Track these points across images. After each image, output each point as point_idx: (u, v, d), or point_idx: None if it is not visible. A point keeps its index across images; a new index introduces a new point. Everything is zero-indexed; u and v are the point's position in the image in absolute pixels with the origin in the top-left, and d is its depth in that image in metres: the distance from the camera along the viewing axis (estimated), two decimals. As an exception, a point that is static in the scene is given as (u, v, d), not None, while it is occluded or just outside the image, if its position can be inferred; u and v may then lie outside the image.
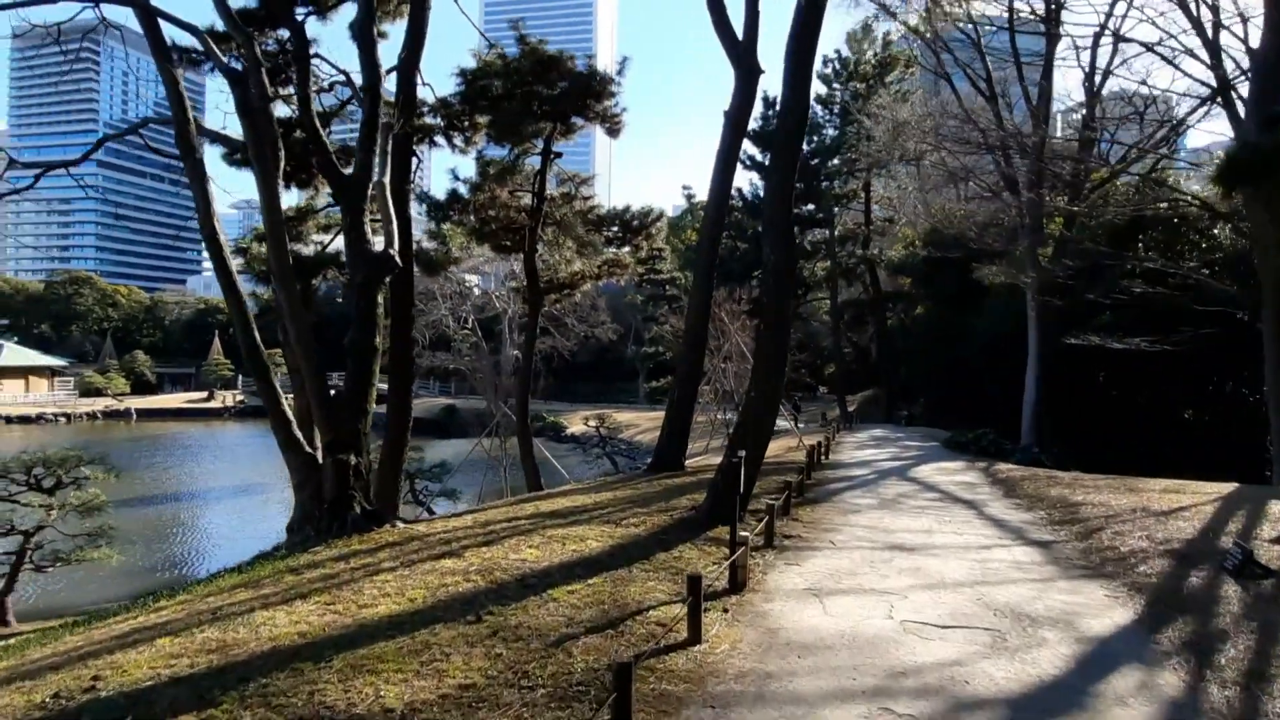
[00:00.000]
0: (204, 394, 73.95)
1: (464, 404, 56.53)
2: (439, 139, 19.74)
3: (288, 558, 10.29)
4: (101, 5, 12.17)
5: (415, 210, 19.95)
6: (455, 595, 7.39)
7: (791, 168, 11.30)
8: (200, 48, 12.38)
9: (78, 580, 18.93)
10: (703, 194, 46.15)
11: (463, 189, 20.79)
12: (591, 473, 32.37)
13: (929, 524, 11.01)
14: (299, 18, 16.38)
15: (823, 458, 18.73)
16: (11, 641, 10.95)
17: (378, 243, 12.39)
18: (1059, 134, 26.39)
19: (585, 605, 6.93)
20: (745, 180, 59.26)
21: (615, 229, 23.43)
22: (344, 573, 8.81)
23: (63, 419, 60.65)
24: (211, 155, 19.52)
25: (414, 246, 18.81)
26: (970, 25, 24.70)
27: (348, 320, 11.89)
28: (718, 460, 12.31)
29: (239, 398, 70.04)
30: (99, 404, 65.60)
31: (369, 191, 12.35)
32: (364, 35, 12.24)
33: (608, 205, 25.54)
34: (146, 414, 65.41)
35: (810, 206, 39.63)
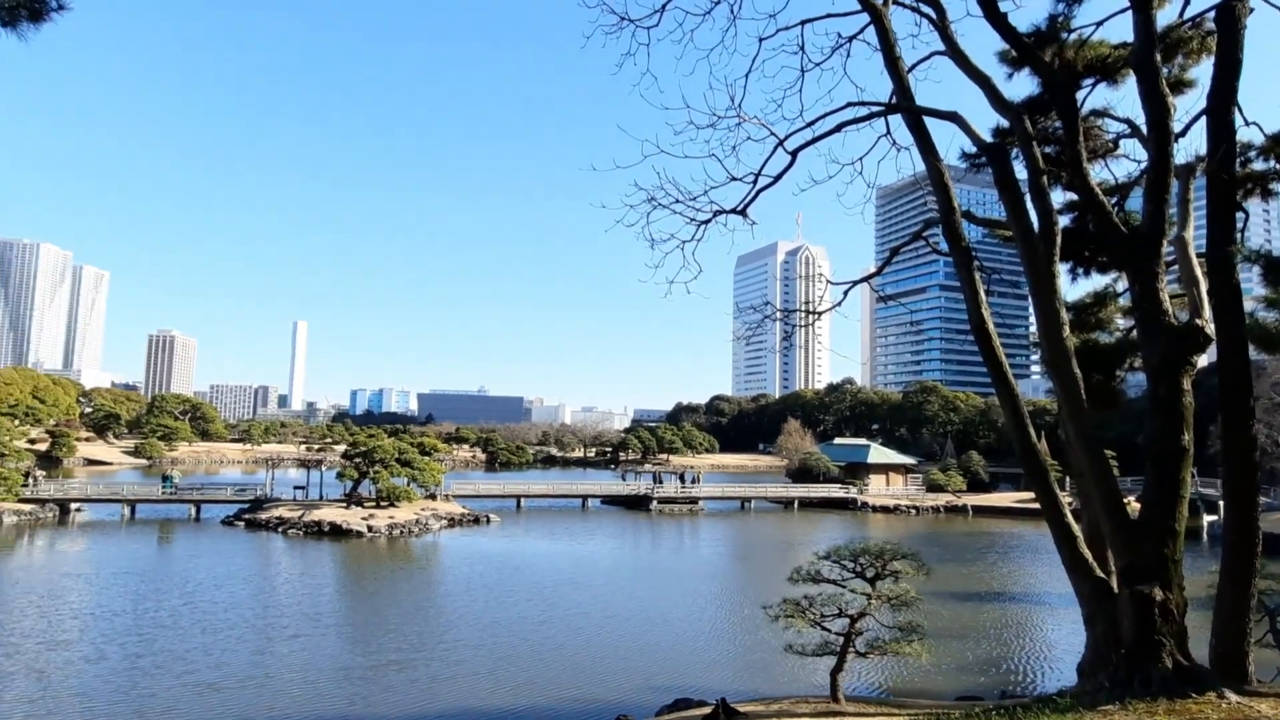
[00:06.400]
0: (1033, 494, 73.58)
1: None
2: (1275, 185, 15.07)
3: (1070, 711, 8.33)
4: (891, 131, 13.26)
5: (1243, 274, 15.40)
6: None
7: None
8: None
9: (893, 667, 20.04)
10: None
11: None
12: None
13: None
14: (1084, 87, 14.96)
15: None
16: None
17: (1181, 315, 9.67)
18: None
19: None
20: None
21: None
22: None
23: (912, 511, 68.44)
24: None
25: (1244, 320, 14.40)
26: None
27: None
28: None
29: (1068, 500, 67.10)
30: (941, 499, 71.86)
31: (1162, 251, 9.82)
32: (1143, 65, 10.03)
33: None
34: (980, 510, 68.54)
35: None
